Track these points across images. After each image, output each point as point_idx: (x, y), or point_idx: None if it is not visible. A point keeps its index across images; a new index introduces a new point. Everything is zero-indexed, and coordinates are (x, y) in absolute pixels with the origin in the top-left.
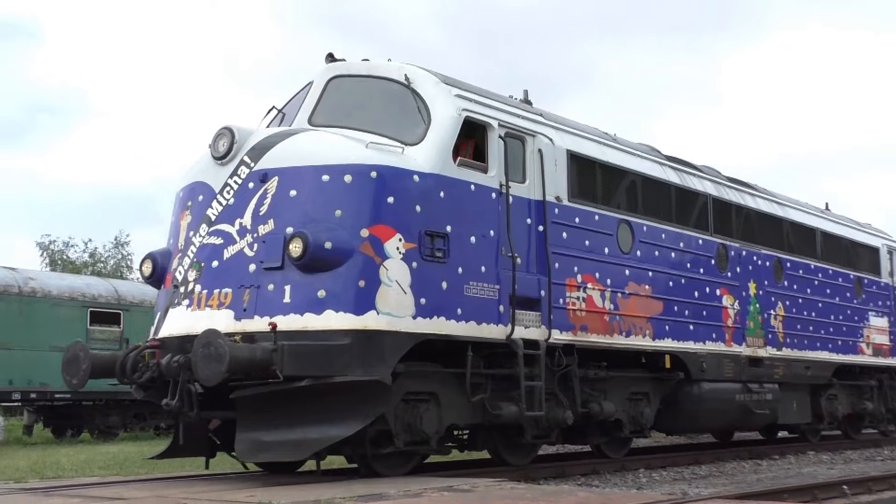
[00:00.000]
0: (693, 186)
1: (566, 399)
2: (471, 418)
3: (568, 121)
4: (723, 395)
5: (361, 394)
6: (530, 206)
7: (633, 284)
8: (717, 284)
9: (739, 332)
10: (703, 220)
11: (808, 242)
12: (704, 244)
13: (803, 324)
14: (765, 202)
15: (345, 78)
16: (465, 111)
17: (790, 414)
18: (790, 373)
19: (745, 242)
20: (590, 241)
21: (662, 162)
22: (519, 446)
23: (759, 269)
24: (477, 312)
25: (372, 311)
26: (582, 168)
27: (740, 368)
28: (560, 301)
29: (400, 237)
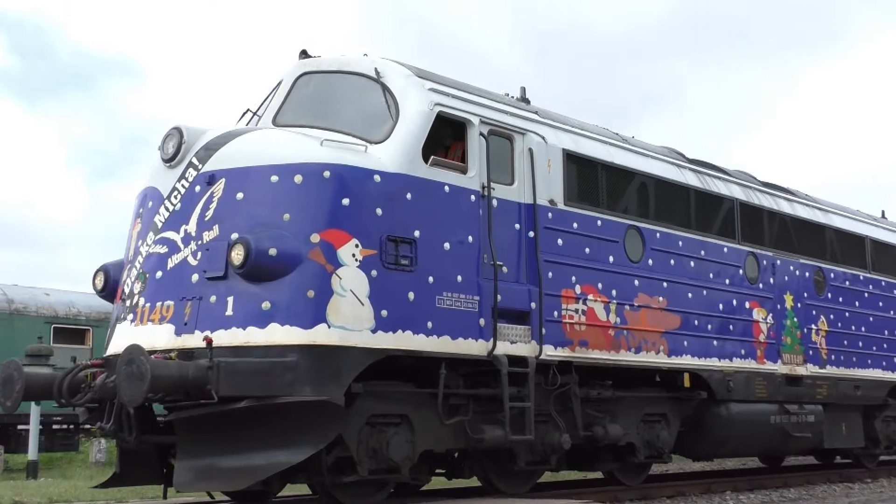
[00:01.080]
0: (717, 190)
1: (563, 421)
2: (450, 443)
3: (568, 119)
4: (754, 417)
5: (313, 416)
6: (519, 210)
7: (643, 296)
8: (747, 296)
9: (774, 348)
10: (729, 226)
11: (857, 252)
12: (731, 253)
13: (851, 339)
14: (803, 208)
15: (314, 74)
16: (439, 106)
17: (838, 437)
18: (836, 392)
19: (779, 251)
20: (591, 248)
21: (682, 164)
22: (513, 473)
23: (797, 280)
24: (452, 326)
25: (322, 324)
26: (582, 169)
27: (775, 388)
28: (554, 314)
29: (356, 243)
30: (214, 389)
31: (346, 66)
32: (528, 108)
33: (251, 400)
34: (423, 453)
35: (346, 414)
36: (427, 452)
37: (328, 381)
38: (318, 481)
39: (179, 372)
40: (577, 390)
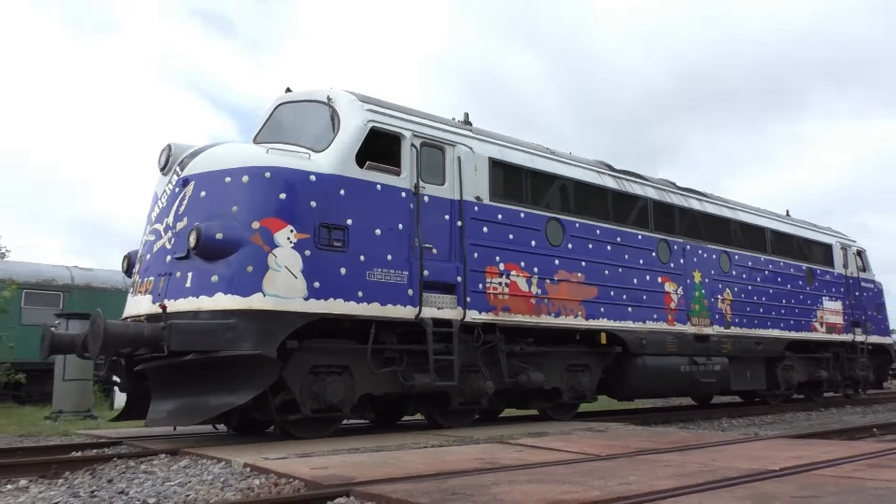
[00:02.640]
0: (631, 191)
1: (491, 371)
2: (388, 388)
3: (500, 135)
4: (666, 367)
5: (253, 367)
6: (451, 204)
7: (563, 272)
8: (659, 273)
9: (684, 313)
10: (643, 219)
11: (758, 239)
12: (644, 239)
13: (753, 307)
14: (712, 206)
15: (288, 104)
16: (372, 122)
17: (743, 382)
18: (739, 347)
19: (689, 238)
20: (514, 234)
21: (601, 171)
22: (452, 412)
23: (705, 260)
24: (382, 295)
25: (258, 293)
26: (507, 173)
27: (685, 344)
28: (479, 286)
29: (292, 228)
30: (167, 345)
31: (309, 96)
32: (462, 127)
33: (197, 354)
34: (370, 396)
35: (277, 365)
36: (372, 396)
37: (262, 339)
38: (268, 418)
39: (135, 331)
40: (503, 346)
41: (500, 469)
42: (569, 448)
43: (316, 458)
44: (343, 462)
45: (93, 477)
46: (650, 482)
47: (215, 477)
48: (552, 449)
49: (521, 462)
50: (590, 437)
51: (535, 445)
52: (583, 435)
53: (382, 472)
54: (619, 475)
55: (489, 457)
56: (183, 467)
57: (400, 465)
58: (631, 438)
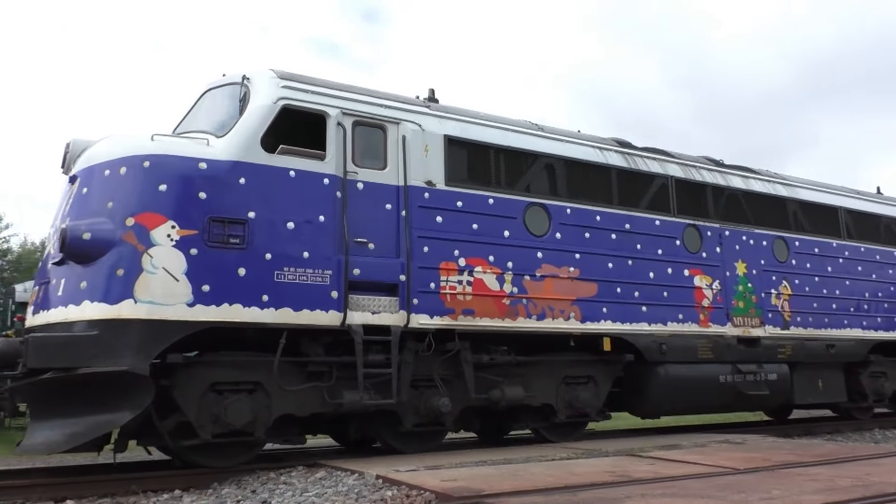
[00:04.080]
0: (645, 169)
1: (452, 385)
2: (315, 407)
3: (465, 110)
4: (697, 377)
5: (127, 384)
6: (394, 192)
7: (549, 267)
8: (685, 264)
9: (722, 312)
10: (662, 201)
11: (829, 221)
12: (665, 225)
13: (823, 302)
14: (760, 183)
15: (212, 89)
16: (284, 100)
17: (812, 393)
18: (804, 352)
19: (729, 222)
20: (480, 224)
21: (604, 147)
22: (410, 434)
23: (752, 248)
24: (295, 298)
25: (128, 300)
26: (471, 153)
27: (724, 349)
28: (431, 285)
29: (173, 224)
30: (24, 362)
31: (230, 80)
32: (411, 102)
33: (57, 371)
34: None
35: (151, 383)
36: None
37: (132, 352)
38: (161, 444)
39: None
40: (469, 356)
41: (632, 482)
42: (704, 461)
43: (445, 471)
44: (471, 474)
45: (238, 487)
46: (796, 497)
47: (349, 488)
48: (686, 462)
49: (654, 475)
50: (726, 450)
51: (668, 458)
52: (718, 447)
53: (511, 484)
54: (761, 490)
55: (620, 470)
56: (319, 479)
57: (528, 477)
58: (772, 451)
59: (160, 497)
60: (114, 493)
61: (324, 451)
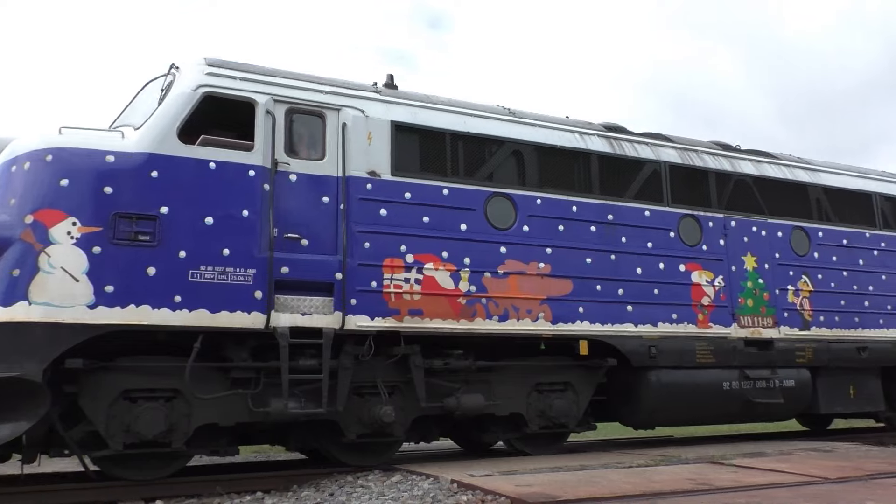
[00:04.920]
0: (634, 154)
1: (402, 393)
2: (241, 416)
3: (421, 95)
4: (696, 384)
5: (21, 392)
6: (333, 183)
7: (514, 263)
8: (681, 259)
9: (726, 311)
10: (654, 190)
11: (861, 209)
12: (656, 216)
13: (852, 299)
14: (775, 168)
15: (151, 81)
16: (206, 87)
17: (842, 401)
18: (829, 355)
19: (735, 212)
20: (432, 217)
21: (585, 131)
22: (354, 447)
23: (764, 240)
24: (212, 299)
25: (23, 301)
26: (423, 140)
27: (728, 353)
28: (372, 284)
29: (74, 221)
30: None
31: (165, 69)
32: (355, 87)
33: None
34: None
35: (46, 390)
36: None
37: (25, 357)
38: (71, 455)
39: None
40: (419, 361)
41: (714, 491)
42: (790, 469)
43: (520, 476)
44: (547, 480)
45: (316, 490)
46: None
47: (425, 492)
48: (771, 470)
49: (737, 484)
50: (814, 458)
51: (752, 466)
52: (805, 455)
53: (587, 490)
54: (852, 500)
55: (701, 477)
56: (395, 482)
57: (605, 484)
58: (864, 460)
59: (243, 498)
60: (199, 493)
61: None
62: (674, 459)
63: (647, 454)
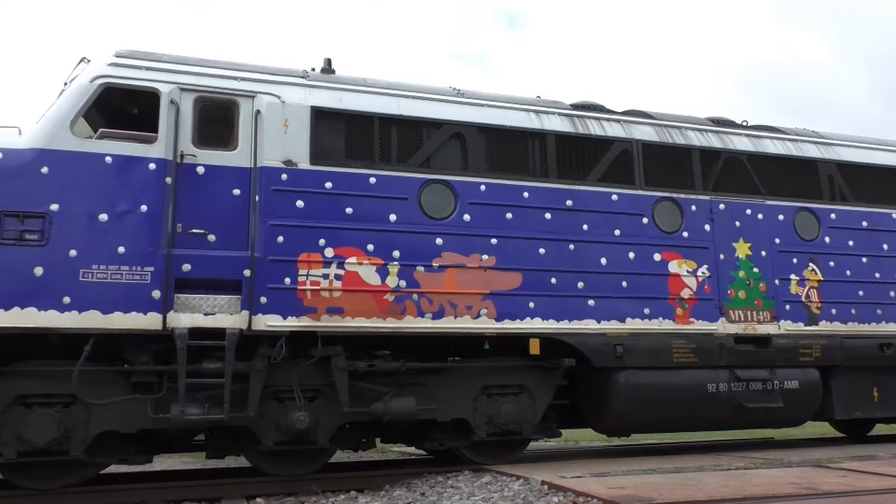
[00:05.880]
0: (600, 133)
1: (320, 398)
2: (145, 422)
3: (351, 78)
4: (675, 387)
5: None
6: (243, 174)
7: (452, 255)
8: (656, 247)
9: (711, 304)
10: (624, 171)
11: (886, 187)
12: (626, 200)
13: (873, 290)
14: (779, 143)
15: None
16: (105, 78)
17: (863, 404)
18: (842, 353)
19: (724, 193)
20: (356, 207)
21: (542, 109)
22: (287, 454)
23: (761, 224)
24: (105, 300)
25: None
26: (349, 126)
27: (714, 351)
28: (286, 281)
29: None
30: None
31: None
32: (272, 72)
33: None
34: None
35: None
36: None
37: None
38: None
39: None
40: (342, 363)
41: (821, 496)
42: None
43: (612, 478)
44: (641, 482)
45: (408, 490)
46: None
47: (515, 493)
48: (885, 475)
49: (846, 489)
50: None
51: (863, 470)
52: None
53: (683, 493)
54: None
55: (806, 482)
56: (485, 483)
57: (702, 487)
58: None
59: (337, 497)
60: (296, 492)
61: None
62: (775, 462)
63: (746, 457)
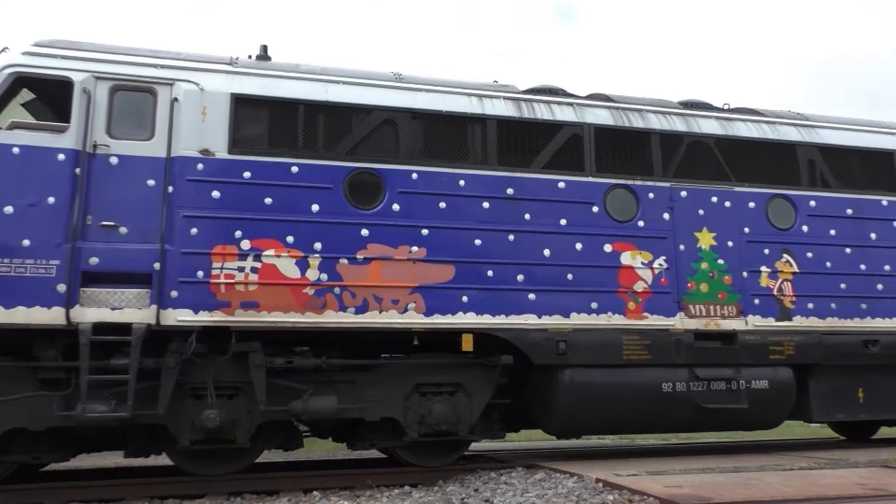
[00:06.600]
0: (548, 117)
1: (239, 395)
2: (56, 420)
3: (279, 64)
4: (623, 385)
5: None
6: (159, 164)
7: (378, 247)
8: (608, 238)
9: (668, 298)
10: (572, 157)
11: (874, 172)
12: (574, 187)
13: (856, 282)
14: (753, 126)
15: None
16: (16, 68)
17: (845, 406)
18: (822, 350)
19: (686, 180)
20: (276, 198)
21: (485, 93)
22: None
23: (728, 212)
24: (7, 294)
25: None
26: (272, 113)
27: (669, 348)
28: (199, 274)
29: None
30: None
31: None
32: (195, 59)
33: None
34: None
35: None
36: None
37: None
38: None
39: None
40: (259, 359)
41: (890, 497)
42: None
43: (669, 477)
44: (699, 482)
45: (461, 486)
46: None
47: (569, 491)
48: None
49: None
50: None
51: None
52: None
53: (743, 493)
54: None
55: (873, 482)
56: (539, 480)
57: (763, 487)
58: None
59: (392, 492)
60: (352, 486)
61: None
62: (841, 463)
63: (809, 457)
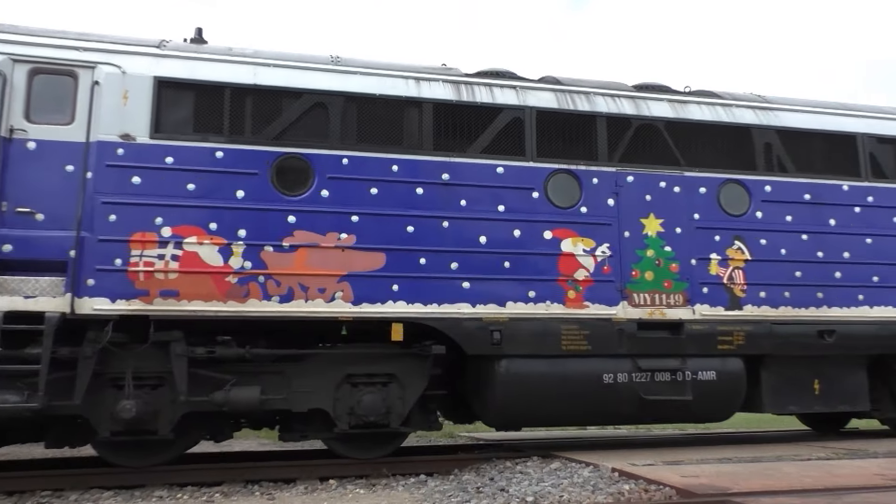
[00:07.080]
0: (487, 100)
1: (163, 385)
2: None
3: (214, 48)
4: (562, 375)
5: None
6: (78, 149)
7: (305, 234)
8: (548, 224)
9: (611, 286)
10: (511, 142)
11: (838, 156)
12: (512, 173)
13: (813, 270)
14: (707, 109)
15: None
16: None
17: (799, 398)
18: (773, 341)
19: (632, 165)
20: (200, 184)
21: (422, 76)
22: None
23: (677, 197)
24: None
25: None
26: (198, 97)
27: (611, 338)
28: (116, 262)
29: None
30: None
31: None
32: (120, 42)
33: None
34: None
35: None
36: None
37: None
38: None
39: None
40: (180, 349)
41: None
42: None
43: (686, 466)
44: (716, 471)
45: (477, 474)
46: None
47: (585, 480)
48: None
49: None
50: None
51: None
52: None
53: (762, 483)
54: None
55: (893, 473)
56: (554, 469)
57: (781, 476)
58: None
59: (408, 480)
60: (368, 475)
61: None
62: (860, 453)
63: (827, 447)
